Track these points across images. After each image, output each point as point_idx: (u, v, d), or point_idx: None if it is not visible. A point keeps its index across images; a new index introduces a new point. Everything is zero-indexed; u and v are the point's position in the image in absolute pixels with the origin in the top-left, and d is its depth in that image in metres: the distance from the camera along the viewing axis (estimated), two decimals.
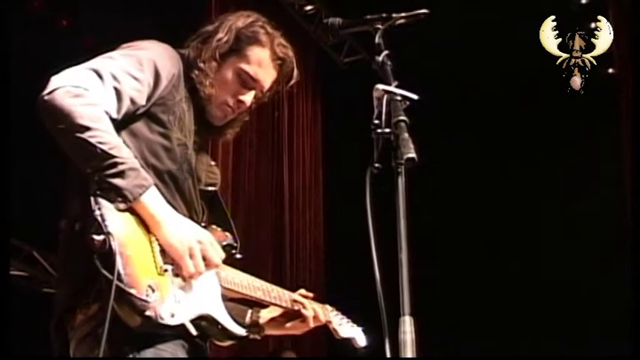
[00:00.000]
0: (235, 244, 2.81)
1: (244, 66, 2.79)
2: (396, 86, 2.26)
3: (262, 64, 2.81)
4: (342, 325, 3.21)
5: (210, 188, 2.87)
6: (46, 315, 2.60)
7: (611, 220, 7.16)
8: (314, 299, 3.12)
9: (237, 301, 2.92)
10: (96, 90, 2.42)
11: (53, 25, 7.04)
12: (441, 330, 6.69)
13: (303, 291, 3.12)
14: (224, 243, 2.75)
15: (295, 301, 3.05)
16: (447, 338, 7.34)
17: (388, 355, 2.09)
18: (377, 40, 2.41)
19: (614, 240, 6.93)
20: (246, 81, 2.80)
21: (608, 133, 7.30)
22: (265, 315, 3.03)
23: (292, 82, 2.92)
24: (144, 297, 2.33)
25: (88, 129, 2.35)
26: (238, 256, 2.82)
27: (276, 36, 2.85)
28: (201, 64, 2.75)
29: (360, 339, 3.25)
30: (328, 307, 3.19)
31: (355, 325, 3.27)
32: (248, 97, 2.82)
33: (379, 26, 2.43)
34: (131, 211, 2.42)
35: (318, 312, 3.07)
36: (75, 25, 7.08)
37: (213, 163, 2.94)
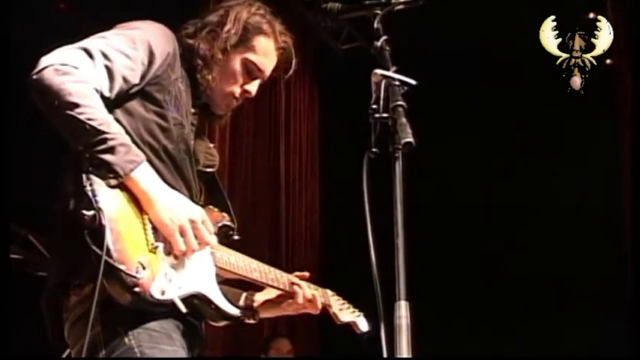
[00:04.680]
0: (232, 225, 2.80)
1: (251, 56, 2.81)
2: (395, 71, 2.27)
3: (267, 54, 2.84)
4: (343, 310, 3.18)
5: (208, 170, 2.86)
6: (40, 298, 2.58)
7: (607, 211, 7.19)
8: (309, 280, 3.10)
9: (231, 284, 2.90)
10: (85, 68, 2.42)
11: (51, 9, 7.01)
12: (437, 316, 6.71)
13: (298, 273, 3.11)
14: (220, 224, 2.74)
15: (293, 283, 3.01)
16: (444, 324, 7.37)
17: (383, 340, 2.10)
18: (376, 25, 2.42)
19: (611, 234, 6.96)
20: (252, 71, 2.82)
21: (606, 126, 7.31)
22: (259, 298, 3.01)
23: (291, 71, 2.94)
24: (134, 273, 2.32)
25: (77, 106, 2.35)
26: (236, 237, 2.81)
27: (277, 24, 2.86)
28: (209, 57, 2.76)
29: (362, 324, 3.19)
30: (329, 291, 3.15)
31: (356, 311, 3.23)
32: (254, 87, 2.84)
33: (378, 11, 2.45)
34: (123, 187, 2.42)
35: (317, 296, 3.04)
36: (73, 8, 7.06)
37: (211, 145, 2.93)
